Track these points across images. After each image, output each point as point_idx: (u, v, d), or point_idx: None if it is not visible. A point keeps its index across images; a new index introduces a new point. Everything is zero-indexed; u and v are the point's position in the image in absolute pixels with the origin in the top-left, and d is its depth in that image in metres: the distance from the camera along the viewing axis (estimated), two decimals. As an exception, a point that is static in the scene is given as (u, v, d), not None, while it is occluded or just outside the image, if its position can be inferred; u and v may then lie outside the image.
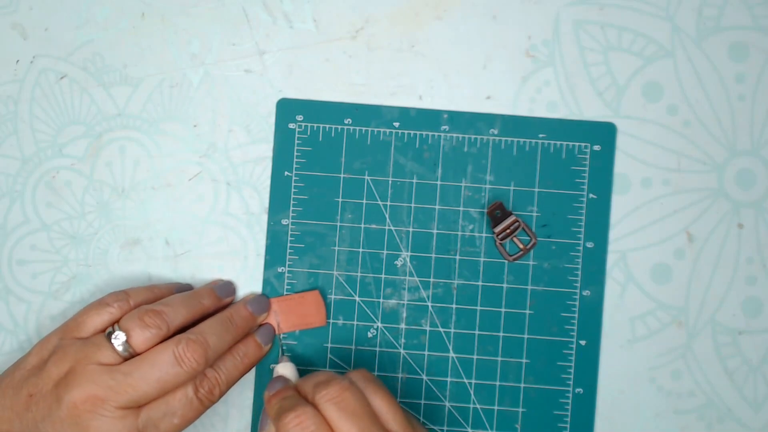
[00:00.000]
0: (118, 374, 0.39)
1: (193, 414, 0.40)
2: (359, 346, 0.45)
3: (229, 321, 0.42)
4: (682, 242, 0.46)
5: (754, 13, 0.46)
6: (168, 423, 0.39)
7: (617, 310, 0.45)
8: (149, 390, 0.39)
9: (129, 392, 0.39)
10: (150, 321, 0.40)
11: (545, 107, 0.46)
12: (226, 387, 0.42)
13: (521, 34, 0.46)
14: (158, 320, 0.40)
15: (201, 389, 0.40)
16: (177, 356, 0.39)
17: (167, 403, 0.40)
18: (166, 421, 0.39)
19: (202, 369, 0.40)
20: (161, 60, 0.46)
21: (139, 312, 0.40)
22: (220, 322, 0.42)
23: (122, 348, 0.39)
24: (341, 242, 0.46)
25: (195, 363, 0.40)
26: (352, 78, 0.46)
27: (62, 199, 0.46)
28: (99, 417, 0.38)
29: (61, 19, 0.46)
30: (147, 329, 0.40)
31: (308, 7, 0.46)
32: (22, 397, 0.39)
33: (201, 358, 0.40)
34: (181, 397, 0.40)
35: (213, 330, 0.41)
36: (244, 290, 0.46)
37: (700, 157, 0.46)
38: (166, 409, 0.40)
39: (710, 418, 0.45)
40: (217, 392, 0.41)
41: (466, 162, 0.46)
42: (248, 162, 0.46)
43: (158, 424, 0.39)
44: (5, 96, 0.46)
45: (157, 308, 0.41)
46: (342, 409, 0.36)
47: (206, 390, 0.41)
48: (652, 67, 0.46)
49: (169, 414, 0.39)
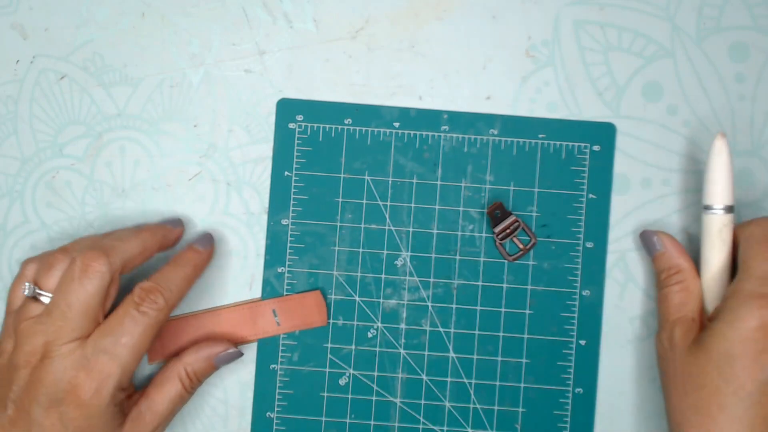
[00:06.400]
0: (44, 317, 0.39)
1: (141, 329, 0.39)
2: (359, 346, 0.45)
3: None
4: (681, 242, 0.46)
5: (754, 13, 0.46)
6: (117, 344, 0.39)
7: (617, 310, 0.45)
8: (76, 318, 0.39)
9: (61, 327, 0.39)
10: (50, 259, 0.41)
11: (545, 107, 0.46)
12: (169, 292, 0.41)
13: (521, 34, 0.46)
14: (59, 254, 0.41)
15: (140, 301, 0.40)
16: (81, 270, 0.39)
17: (108, 325, 0.39)
18: (114, 342, 0.39)
19: (108, 279, 0.40)
20: (161, 60, 0.46)
21: (39, 258, 0.41)
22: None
23: (28, 291, 0.40)
24: (341, 242, 0.46)
25: (100, 272, 0.39)
26: (352, 78, 0.46)
27: (62, 199, 0.46)
28: (49, 362, 0.38)
29: (61, 19, 0.46)
30: (49, 269, 0.40)
31: (308, 7, 0.46)
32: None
33: (103, 266, 0.39)
34: (121, 316, 0.39)
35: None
36: (245, 291, 0.46)
37: (700, 157, 0.46)
38: (109, 331, 0.39)
39: (710, 418, 0.45)
40: (160, 299, 0.40)
41: (466, 162, 0.46)
42: (248, 162, 0.46)
43: (108, 349, 0.39)
44: (5, 96, 0.46)
45: (54, 251, 0.41)
46: None
47: (147, 300, 0.40)
48: (652, 67, 0.46)
49: (116, 335, 0.39)
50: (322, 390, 0.45)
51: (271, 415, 0.45)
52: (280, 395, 0.45)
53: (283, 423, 0.45)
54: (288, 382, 0.45)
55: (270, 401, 0.45)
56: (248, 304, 0.45)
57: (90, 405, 0.38)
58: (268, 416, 0.45)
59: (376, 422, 0.45)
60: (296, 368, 0.45)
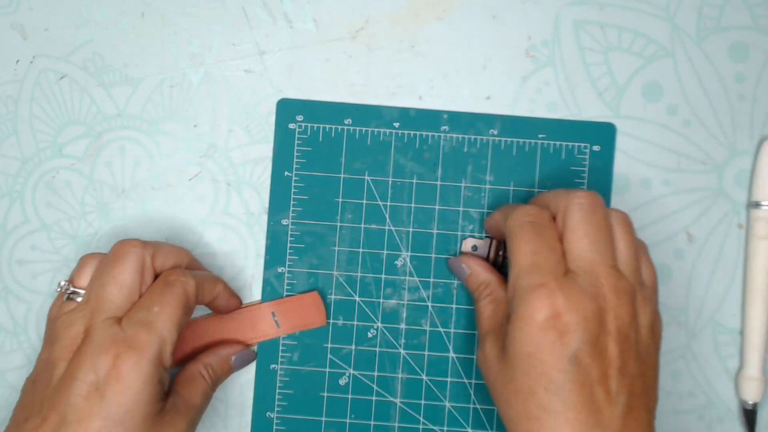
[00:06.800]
0: (81, 306, 0.39)
1: (171, 298, 0.39)
2: (359, 346, 0.45)
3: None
4: (682, 242, 0.46)
5: (754, 13, 0.46)
6: (150, 314, 0.38)
7: (617, 310, 0.45)
8: (111, 296, 0.39)
9: (96, 308, 0.38)
10: (85, 259, 0.41)
11: (545, 107, 0.46)
12: (198, 278, 0.41)
13: (521, 34, 0.46)
14: (93, 255, 0.41)
15: (168, 276, 0.40)
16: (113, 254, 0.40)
17: (140, 301, 0.39)
18: (147, 313, 0.38)
19: (140, 258, 0.40)
20: (161, 60, 0.46)
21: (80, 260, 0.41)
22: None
23: (62, 288, 0.40)
24: (341, 242, 0.46)
25: (132, 252, 0.39)
26: (352, 78, 0.46)
27: (62, 199, 0.46)
28: (88, 344, 0.38)
29: (61, 19, 0.46)
30: (83, 267, 0.40)
31: (308, 7, 0.46)
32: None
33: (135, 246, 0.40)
34: (152, 289, 0.39)
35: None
36: (244, 291, 0.46)
37: (700, 157, 0.46)
38: (142, 305, 0.39)
39: (710, 418, 0.45)
40: (189, 277, 0.40)
41: (466, 162, 0.46)
42: (248, 162, 0.46)
43: (142, 320, 0.38)
44: (5, 96, 0.46)
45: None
46: (588, 217, 0.37)
47: (175, 274, 0.40)
48: (652, 67, 0.46)
49: (148, 307, 0.39)
50: (322, 390, 0.45)
51: (271, 415, 0.45)
52: (280, 395, 0.45)
53: (283, 423, 0.45)
54: (288, 382, 0.45)
55: (270, 401, 0.45)
56: (247, 309, 0.45)
57: (130, 380, 0.37)
58: (268, 416, 0.45)
59: (376, 422, 0.45)
60: (296, 368, 0.45)
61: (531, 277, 0.37)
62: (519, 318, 0.36)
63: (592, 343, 0.35)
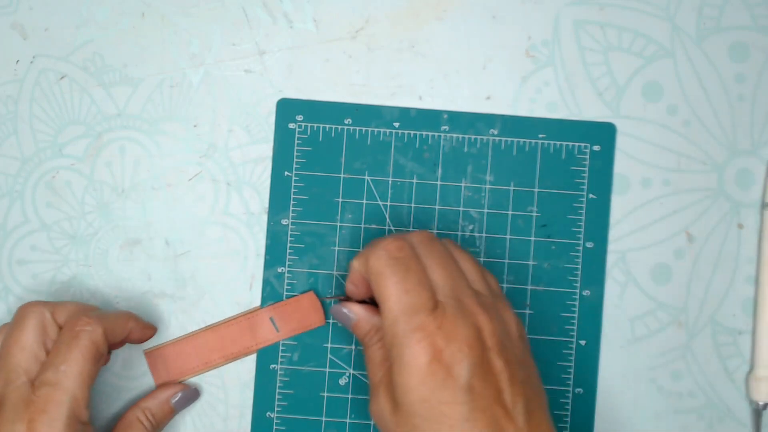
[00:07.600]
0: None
1: (77, 352, 0.39)
2: (359, 346, 0.45)
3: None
4: (682, 242, 0.46)
5: (754, 13, 0.46)
6: (57, 373, 0.38)
7: (617, 310, 0.45)
8: (15, 361, 0.39)
9: (5, 375, 0.39)
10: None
11: (545, 107, 0.46)
12: (98, 318, 0.40)
13: (521, 34, 0.46)
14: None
15: (70, 328, 0.39)
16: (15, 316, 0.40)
17: (47, 360, 0.39)
18: (54, 372, 0.38)
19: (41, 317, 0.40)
20: (161, 60, 0.46)
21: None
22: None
23: None
24: (341, 242, 0.46)
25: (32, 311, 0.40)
26: (352, 78, 0.46)
27: (62, 199, 0.46)
28: (2, 412, 0.38)
29: (61, 19, 0.46)
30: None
31: (308, 7, 0.46)
32: None
33: (36, 306, 0.40)
34: (57, 346, 0.39)
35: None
36: (244, 291, 0.46)
37: (700, 157, 0.46)
38: (48, 364, 0.39)
39: (710, 418, 0.45)
40: (92, 320, 0.39)
41: (466, 162, 0.46)
42: (248, 162, 0.46)
43: (50, 380, 0.38)
44: (5, 96, 0.46)
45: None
46: (435, 248, 0.38)
47: (78, 323, 0.39)
48: (652, 67, 0.46)
49: (54, 365, 0.39)
50: (322, 390, 0.45)
51: (271, 415, 0.45)
52: (280, 395, 0.45)
53: (283, 423, 0.45)
54: (288, 382, 0.45)
55: (270, 401, 0.45)
56: (246, 316, 0.45)
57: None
58: (268, 416, 0.45)
59: (376, 422, 0.45)
60: (296, 368, 0.45)
61: (407, 321, 0.36)
62: (404, 366, 0.36)
63: (479, 365, 0.36)
